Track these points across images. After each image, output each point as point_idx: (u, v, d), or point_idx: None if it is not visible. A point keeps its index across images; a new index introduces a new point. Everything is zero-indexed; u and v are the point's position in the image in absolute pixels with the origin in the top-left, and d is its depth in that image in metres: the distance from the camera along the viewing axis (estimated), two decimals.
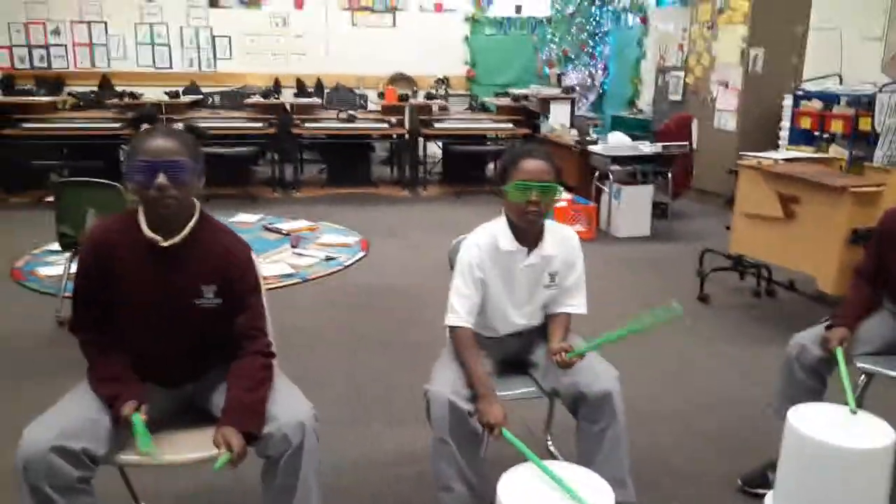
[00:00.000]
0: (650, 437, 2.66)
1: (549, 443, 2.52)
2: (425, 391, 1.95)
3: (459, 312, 2.06)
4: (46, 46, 8.85)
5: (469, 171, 7.72)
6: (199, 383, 1.88)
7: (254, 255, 1.88)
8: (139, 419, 1.64)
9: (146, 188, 1.66)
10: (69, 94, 8.17)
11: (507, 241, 2.08)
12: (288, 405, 1.75)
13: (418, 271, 4.77)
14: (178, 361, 1.85)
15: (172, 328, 1.78)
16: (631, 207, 5.82)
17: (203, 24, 9.15)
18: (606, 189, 5.90)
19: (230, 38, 9.20)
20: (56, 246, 3.89)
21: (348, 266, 4.95)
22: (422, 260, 5.06)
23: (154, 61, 9.12)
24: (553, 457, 2.39)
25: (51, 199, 3.64)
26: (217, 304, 1.79)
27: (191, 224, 1.75)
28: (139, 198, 1.70)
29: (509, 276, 2.11)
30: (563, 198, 5.88)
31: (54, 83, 8.48)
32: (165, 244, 1.72)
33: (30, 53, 8.85)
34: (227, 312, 1.79)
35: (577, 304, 2.17)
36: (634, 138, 6.30)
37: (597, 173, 6.04)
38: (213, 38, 9.18)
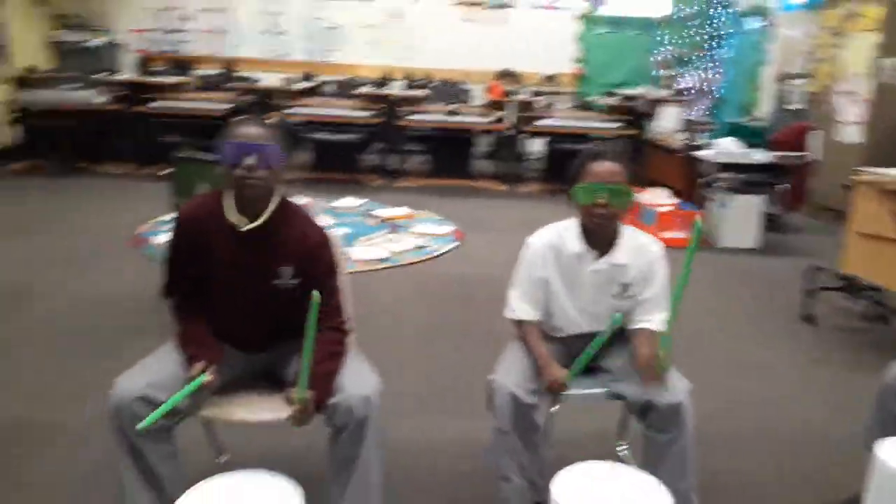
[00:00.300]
0: (725, 459, 2.55)
1: (621, 449, 2.46)
2: (489, 381, 1.95)
3: (516, 307, 2.08)
4: (177, 31, 9.46)
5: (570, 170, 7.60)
6: (276, 351, 1.98)
7: (333, 239, 1.97)
8: (199, 382, 1.72)
9: (234, 167, 1.78)
10: (198, 76, 8.71)
11: (575, 242, 2.05)
12: (356, 379, 1.82)
13: (507, 265, 4.74)
14: (258, 335, 1.96)
15: (254, 307, 1.90)
16: (738, 217, 5.55)
17: (321, 15, 9.49)
18: (713, 196, 5.67)
19: (345, 28, 9.50)
20: (169, 216, 4.17)
21: (440, 255, 5.02)
22: (512, 254, 5.03)
23: (275, 49, 9.55)
24: (622, 461, 2.34)
25: (166, 172, 3.92)
26: (294, 285, 1.88)
27: (270, 209, 1.85)
28: (227, 177, 1.81)
29: (573, 279, 2.07)
30: (669, 202, 5.71)
31: (182, 66, 9.07)
32: (245, 228, 1.83)
33: (162, 38, 9.48)
34: (304, 293, 1.87)
35: (653, 321, 2.01)
36: (750, 146, 6.00)
37: (703, 180, 5.81)
38: (330, 28, 9.50)
